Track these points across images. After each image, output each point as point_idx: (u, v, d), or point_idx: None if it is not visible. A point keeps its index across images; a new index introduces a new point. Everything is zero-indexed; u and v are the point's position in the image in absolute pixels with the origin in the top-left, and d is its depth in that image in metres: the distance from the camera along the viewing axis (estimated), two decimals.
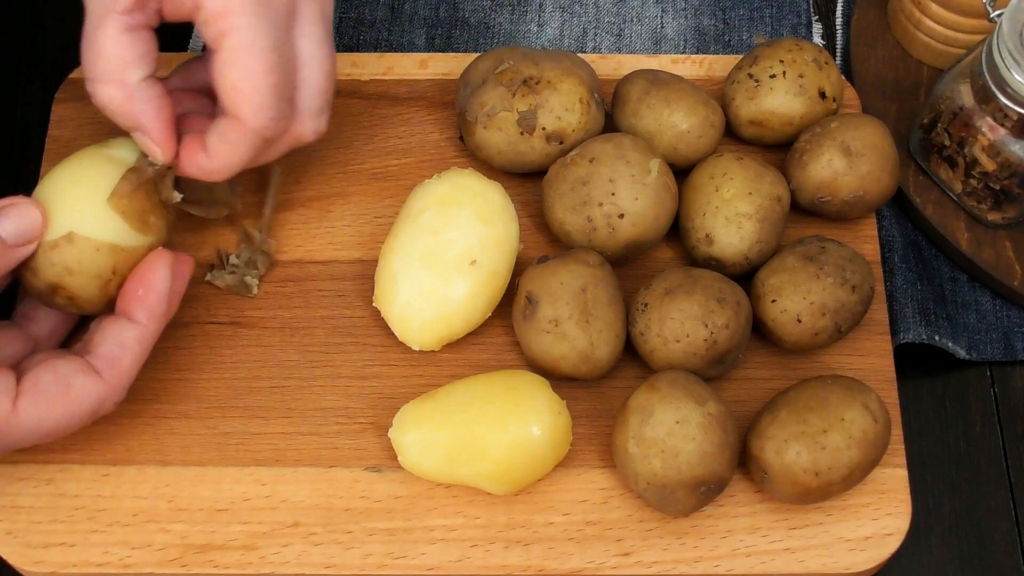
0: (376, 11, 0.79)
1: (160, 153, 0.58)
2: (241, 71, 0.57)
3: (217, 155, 0.59)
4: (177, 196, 0.60)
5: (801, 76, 0.67)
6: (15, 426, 0.55)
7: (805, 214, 0.68)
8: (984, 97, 0.65)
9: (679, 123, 0.67)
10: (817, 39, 0.79)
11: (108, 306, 0.59)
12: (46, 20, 0.79)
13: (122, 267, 0.58)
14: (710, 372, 0.62)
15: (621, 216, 0.63)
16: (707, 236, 0.64)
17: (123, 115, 0.58)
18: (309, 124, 0.61)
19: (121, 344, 0.57)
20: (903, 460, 0.62)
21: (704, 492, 0.58)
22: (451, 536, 0.61)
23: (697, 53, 0.77)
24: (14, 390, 0.55)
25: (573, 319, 0.61)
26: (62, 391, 0.55)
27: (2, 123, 0.76)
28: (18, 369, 0.56)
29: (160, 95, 0.58)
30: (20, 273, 0.58)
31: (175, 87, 0.63)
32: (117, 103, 0.57)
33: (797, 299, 0.62)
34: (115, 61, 0.56)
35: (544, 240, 0.68)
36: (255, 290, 0.66)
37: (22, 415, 0.55)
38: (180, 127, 0.60)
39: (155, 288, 0.58)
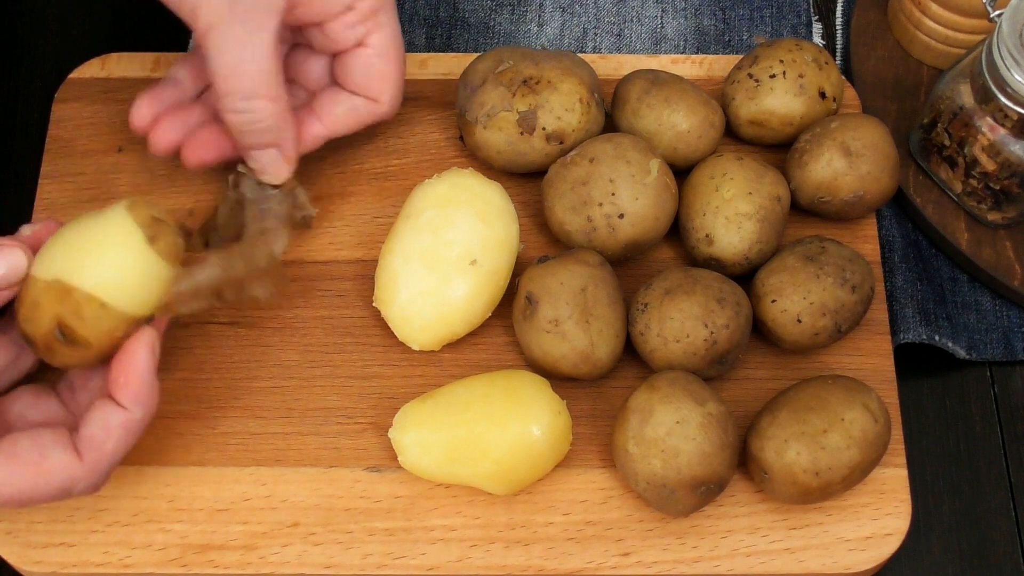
0: None
1: (287, 169, 0.61)
2: (393, 62, 0.63)
3: (341, 124, 0.64)
4: (313, 210, 0.65)
5: (801, 76, 0.67)
6: None
7: (805, 214, 0.68)
8: (984, 97, 0.65)
9: (679, 123, 0.67)
10: (817, 39, 0.79)
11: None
12: (46, 20, 0.79)
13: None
14: (710, 372, 0.62)
15: (621, 216, 0.63)
16: (707, 236, 0.64)
17: (271, 131, 0.59)
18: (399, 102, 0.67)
19: (105, 427, 0.55)
20: (903, 460, 0.62)
21: (704, 492, 0.58)
22: (451, 536, 0.61)
23: (697, 53, 0.77)
24: None
25: (573, 319, 0.61)
26: (35, 460, 0.53)
27: (2, 123, 0.76)
28: (2, 420, 0.56)
29: (293, 111, 0.61)
30: (16, 308, 0.56)
31: (191, 90, 0.65)
32: (270, 119, 0.59)
33: (797, 299, 0.62)
34: (274, 77, 0.58)
35: (544, 240, 0.68)
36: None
37: None
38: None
39: (138, 374, 0.55)
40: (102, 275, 0.54)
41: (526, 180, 0.69)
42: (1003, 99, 0.63)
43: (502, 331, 0.66)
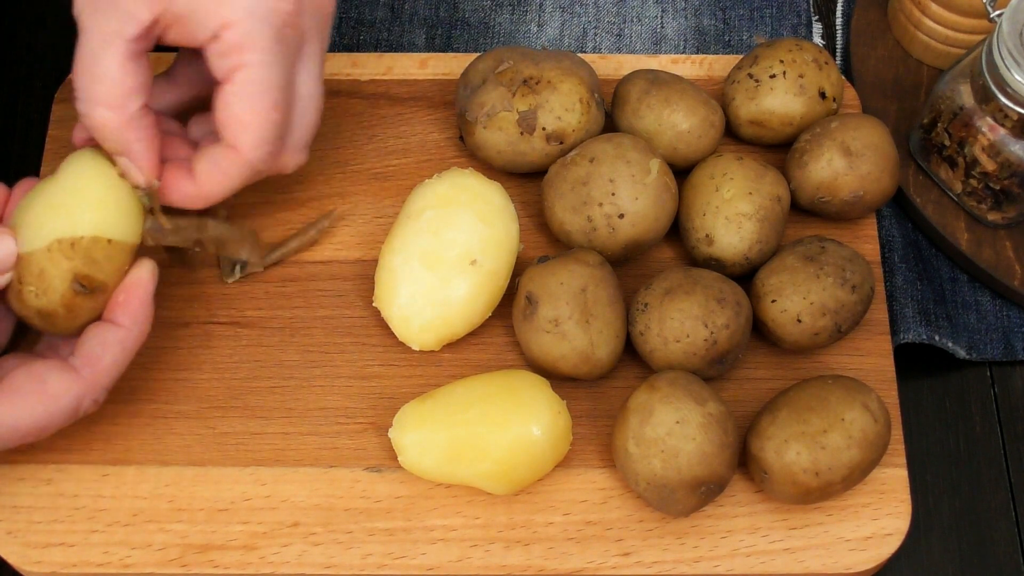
0: (376, 11, 0.79)
1: (143, 179, 0.58)
2: (249, 106, 0.58)
3: (207, 182, 0.59)
4: (167, 223, 0.61)
5: (801, 76, 0.67)
6: None
7: (805, 214, 0.68)
8: (984, 97, 0.65)
9: (679, 123, 0.67)
10: (817, 39, 0.79)
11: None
12: (46, 20, 0.79)
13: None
14: (710, 372, 0.62)
15: (621, 216, 0.63)
16: (707, 236, 0.64)
17: (115, 140, 0.58)
18: (293, 157, 0.62)
19: (103, 343, 0.57)
20: (903, 460, 0.62)
21: (704, 492, 0.58)
22: (451, 536, 0.61)
23: (697, 53, 0.77)
24: None
25: (573, 319, 0.61)
26: (37, 388, 0.55)
27: (2, 123, 0.76)
28: None
29: (152, 124, 0.58)
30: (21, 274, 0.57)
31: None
32: (112, 128, 0.57)
33: (797, 299, 0.62)
34: (118, 88, 0.56)
35: (544, 240, 0.68)
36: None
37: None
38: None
39: (138, 294, 0.58)
40: (97, 214, 0.57)
41: (526, 180, 0.69)
42: (1003, 99, 0.63)
43: (502, 331, 0.66)
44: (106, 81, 0.56)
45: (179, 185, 0.60)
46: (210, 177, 0.59)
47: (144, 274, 0.59)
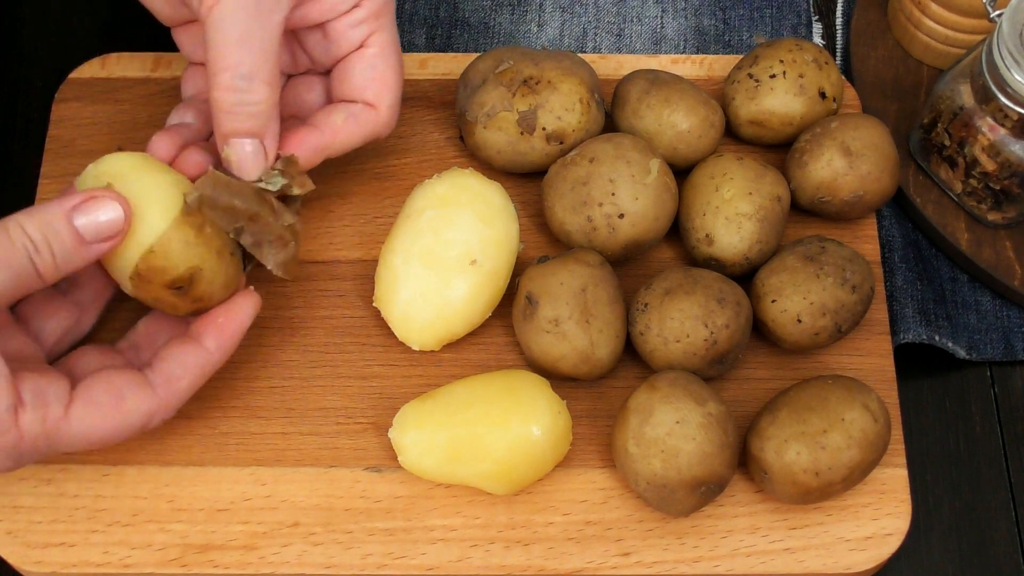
0: None
1: (262, 165, 0.58)
2: (392, 65, 0.62)
3: (341, 131, 0.61)
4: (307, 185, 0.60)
5: (801, 76, 0.67)
6: (64, 433, 0.54)
7: (805, 214, 0.68)
8: (984, 97, 0.65)
9: (679, 123, 0.67)
10: (817, 39, 0.78)
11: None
12: (46, 20, 0.79)
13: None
14: (710, 372, 0.62)
15: (621, 216, 0.63)
16: (707, 236, 0.64)
17: (258, 117, 0.57)
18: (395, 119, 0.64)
19: (183, 365, 0.57)
20: (903, 460, 0.62)
21: (704, 492, 0.58)
22: (451, 536, 0.61)
23: (697, 53, 0.77)
24: (67, 396, 0.54)
25: (573, 319, 0.61)
26: (114, 402, 0.55)
27: (2, 123, 0.76)
28: (72, 375, 0.56)
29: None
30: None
31: (204, 132, 0.63)
32: (263, 104, 0.57)
33: (797, 299, 0.62)
34: (273, 59, 0.56)
35: (544, 240, 0.68)
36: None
37: (73, 422, 0.54)
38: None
39: (235, 323, 0.59)
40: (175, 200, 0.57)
41: (526, 180, 0.69)
42: (1003, 99, 0.63)
43: (502, 331, 0.66)
44: (265, 52, 0.55)
45: (305, 137, 0.61)
46: (346, 128, 0.62)
47: (248, 307, 0.59)
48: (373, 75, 0.62)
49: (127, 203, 0.54)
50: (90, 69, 0.73)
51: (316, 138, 0.61)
